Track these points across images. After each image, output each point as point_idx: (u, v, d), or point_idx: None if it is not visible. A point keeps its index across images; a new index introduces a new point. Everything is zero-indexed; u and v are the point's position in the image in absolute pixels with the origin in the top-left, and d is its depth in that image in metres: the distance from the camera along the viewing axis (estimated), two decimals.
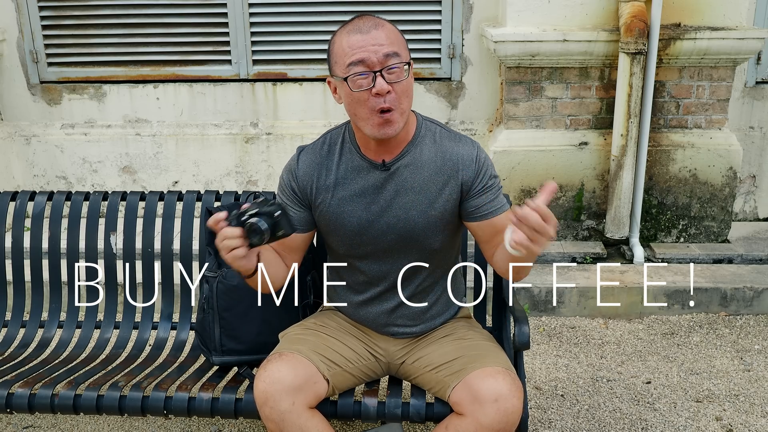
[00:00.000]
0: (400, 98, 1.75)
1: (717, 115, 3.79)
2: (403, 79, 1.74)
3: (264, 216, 1.66)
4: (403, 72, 1.74)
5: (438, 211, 1.89)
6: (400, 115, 1.77)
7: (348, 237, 1.94)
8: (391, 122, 1.75)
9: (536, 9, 3.67)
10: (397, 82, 1.73)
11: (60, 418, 2.71)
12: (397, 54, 1.73)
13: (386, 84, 1.71)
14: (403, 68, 1.74)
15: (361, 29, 1.73)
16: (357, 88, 1.73)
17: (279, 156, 4.29)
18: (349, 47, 1.73)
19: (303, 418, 1.81)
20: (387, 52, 1.71)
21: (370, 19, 1.76)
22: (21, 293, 2.65)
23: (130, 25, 4.19)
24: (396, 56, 1.73)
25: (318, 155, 1.94)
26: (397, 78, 1.73)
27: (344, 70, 1.74)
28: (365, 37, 1.72)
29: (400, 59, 1.73)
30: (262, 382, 1.80)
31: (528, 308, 3.52)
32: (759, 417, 2.68)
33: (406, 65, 1.75)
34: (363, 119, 1.77)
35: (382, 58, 1.71)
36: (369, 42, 1.71)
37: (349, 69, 1.72)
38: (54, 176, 4.43)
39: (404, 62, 1.74)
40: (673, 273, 3.61)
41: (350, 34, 1.74)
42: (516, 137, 3.83)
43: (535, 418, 2.68)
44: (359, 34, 1.73)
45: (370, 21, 1.76)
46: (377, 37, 1.72)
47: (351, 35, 1.73)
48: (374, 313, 2.03)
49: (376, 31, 1.72)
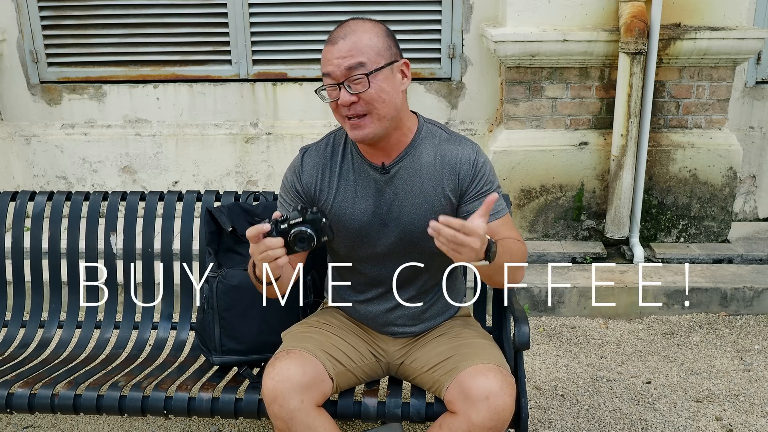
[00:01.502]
0: (373, 104, 1.76)
1: (717, 115, 3.79)
2: (364, 90, 1.74)
3: (309, 224, 1.72)
4: (365, 83, 1.74)
5: (437, 213, 1.89)
6: (377, 120, 1.78)
7: (349, 239, 1.94)
8: (360, 126, 1.78)
9: (536, 9, 3.67)
10: (360, 93, 1.74)
11: (60, 418, 2.71)
12: (361, 64, 1.73)
13: (349, 96, 1.74)
14: (365, 79, 1.73)
15: (333, 39, 1.77)
16: (325, 99, 1.80)
17: (279, 156, 4.29)
18: (323, 58, 1.78)
19: (311, 416, 1.80)
20: (349, 65, 1.73)
21: (346, 27, 1.78)
22: (21, 293, 2.65)
23: (130, 25, 4.19)
24: (360, 66, 1.73)
25: (322, 156, 1.95)
26: (361, 89, 1.74)
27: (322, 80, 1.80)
28: (331, 49, 1.76)
29: (365, 69, 1.73)
30: (270, 380, 1.79)
31: (528, 308, 3.52)
32: (759, 417, 2.68)
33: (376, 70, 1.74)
34: (343, 125, 1.83)
35: (344, 71, 1.74)
36: (334, 55, 1.75)
37: (324, 79, 1.79)
38: (54, 176, 4.43)
39: (367, 72, 1.73)
40: (673, 273, 3.61)
41: (327, 44, 1.78)
42: (516, 137, 3.83)
43: (535, 418, 2.68)
44: (330, 44, 1.77)
45: (344, 30, 1.78)
46: (342, 48, 1.74)
47: (327, 45, 1.78)
48: (374, 312, 2.03)
49: (343, 42, 1.75)
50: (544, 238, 3.94)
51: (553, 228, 3.93)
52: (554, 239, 3.94)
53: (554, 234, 3.94)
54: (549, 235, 3.94)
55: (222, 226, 2.31)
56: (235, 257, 2.28)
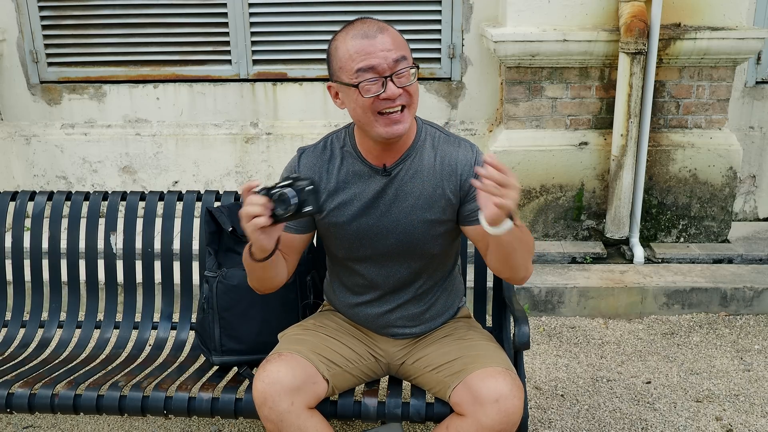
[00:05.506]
0: (413, 98, 1.77)
1: (717, 115, 3.79)
2: (412, 82, 1.75)
3: (294, 188, 1.65)
4: (410, 75, 1.74)
5: (437, 215, 1.89)
6: (410, 114, 1.79)
7: (347, 241, 1.93)
8: (400, 120, 1.76)
9: (536, 9, 3.67)
10: (408, 85, 1.74)
11: (60, 418, 2.71)
12: (405, 58, 1.74)
13: (397, 89, 1.72)
14: (411, 71, 1.75)
15: (367, 34, 1.72)
16: (367, 94, 1.72)
17: (279, 156, 4.29)
18: (357, 53, 1.71)
19: (302, 418, 1.81)
20: (396, 57, 1.72)
21: (374, 23, 1.75)
22: (21, 293, 2.65)
23: (130, 25, 4.19)
24: (404, 60, 1.73)
25: (319, 159, 1.93)
26: (408, 81, 1.74)
27: (352, 76, 1.72)
28: (373, 42, 1.71)
29: (408, 63, 1.74)
30: (260, 383, 1.80)
31: (528, 308, 3.52)
32: (759, 417, 2.68)
33: (414, 68, 1.76)
34: (371, 122, 1.77)
35: (392, 64, 1.71)
36: (377, 47, 1.71)
37: (358, 75, 1.72)
38: (54, 176, 4.43)
39: (411, 65, 1.75)
40: (673, 273, 3.61)
41: (355, 39, 1.72)
42: (516, 137, 3.83)
43: (535, 418, 2.68)
44: (365, 39, 1.71)
45: (374, 25, 1.74)
46: (384, 42, 1.71)
47: (356, 40, 1.72)
48: (374, 314, 2.03)
49: (382, 36, 1.72)
50: (544, 238, 3.94)
51: (553, 228, 3.93)
52: (554, 239, 3.94)
53: (554, 234, 3.94)
54: (549, 235, 3.94)
55: (222, 226, 2.30)
56: (235, 257, 2.28)
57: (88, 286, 2.59)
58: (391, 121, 1.75)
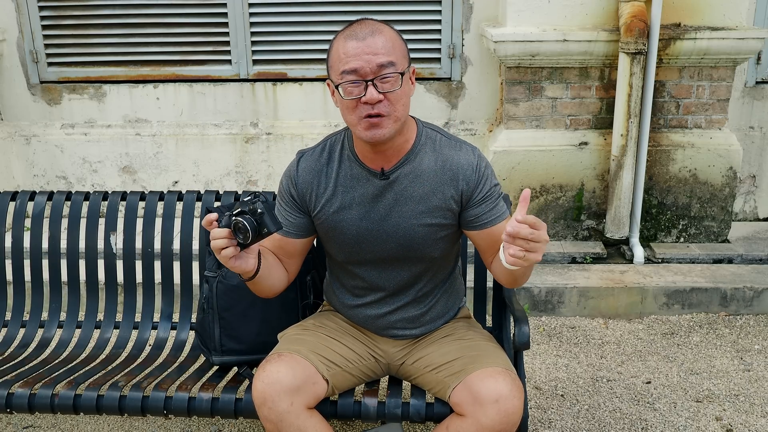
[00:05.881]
0: (396, 105, 1.74)
1: (717, 115, 3.79)
2: (396, 89, 1.72)
3: (247, 215, 1.66)
4: (397, 81, 1.72)
5: (438, 220, 1.89)
6: (393, 121, 1.75)
7: (347, 245, 1.93)
8: (378, 125, 1.73)
9: (536, 9, 3.67)
10: (390, 92, 1.72)
11: (60, 418, 2.71)
12: (392, 63, 1.71)
13: (377, 93, 1.70)
14: (398, 77, 1.72)
15: (358, 35, 1.71)
16: (348, 96, 1.72)
17: (279, 156, 4.29)
18: (344, 54, 1.71)
19: (301, 418, 1.80)
20: (382, 62, 1.70)
21: (369, 25, 1.74)
22: (21, 293, 2.65)
23: (130, 25, 4.19)
24: (391, 65, 1.71)
25: (317, 162, 1.93)
26: (391, 87, 1.72)
27: (338, 77, 1.73)
28: (360, 45, 1.70)
29: (395, 68, 1.72)
30: (260, 383, 1.80)
31: (528, 308, 3.52)
32: (759, 417, 2.68)
33: (402, 74, 1.73)
34: (353, 124, 1.77)
35: (375, 68, 1.70)
36: (364, 50, 1.69)
37: (342, 76, 1.72)
38: (54, 176, 4.43)
39: (399, 71, 1.72)
40: (673, 273, 3.61)
41: (347, 40, 1.72)
42: (516, 137, 3.83)
43: (535, 418, 2.68)
44: (355, 40, 1.71)
45: (369, 27, 1.73)
46: (373, 45, 1.70)
47: (347, 41, 1.72)
48: (374, 316, 2.03)
49: (372, 39, 1.70)
50: None
51: (553, 228, 3.93)
52: (554, 239, 3.94)
53: (554, 234, 3.94)
54: (549, 235, 3.93)
55: None
56: None
57: (88, 286, 2.59)
58: (371, 125, 1.74)
